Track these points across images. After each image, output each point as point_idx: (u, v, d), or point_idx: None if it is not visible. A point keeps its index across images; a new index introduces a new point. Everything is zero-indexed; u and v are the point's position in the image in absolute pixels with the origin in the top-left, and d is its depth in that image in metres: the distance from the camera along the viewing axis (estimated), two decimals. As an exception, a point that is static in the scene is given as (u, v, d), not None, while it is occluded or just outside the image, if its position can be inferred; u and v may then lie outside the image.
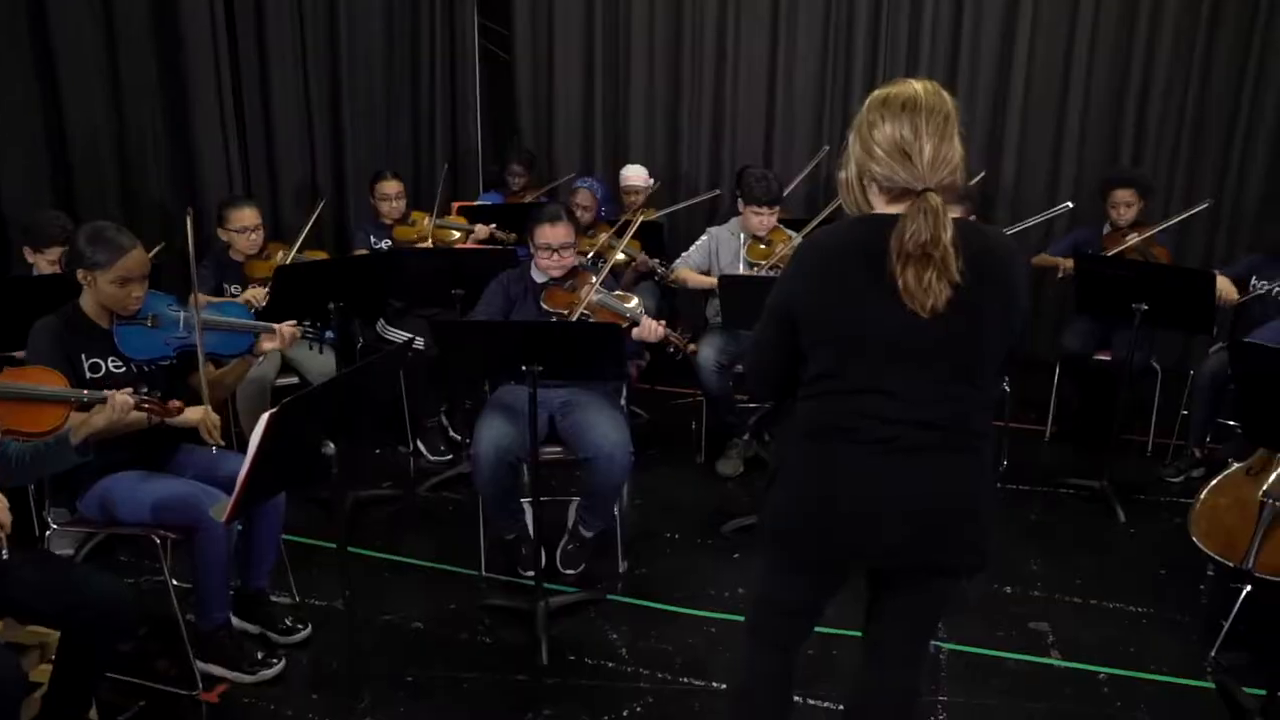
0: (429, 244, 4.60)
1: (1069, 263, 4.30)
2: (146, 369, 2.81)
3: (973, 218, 3.89)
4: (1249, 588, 2.98)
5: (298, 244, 4.17)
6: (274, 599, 3.08)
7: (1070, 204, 4.79)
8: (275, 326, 3.01)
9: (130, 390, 2.48)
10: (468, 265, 4.02)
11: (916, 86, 1.76)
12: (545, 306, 3.36)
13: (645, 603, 3.28)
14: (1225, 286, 4.01)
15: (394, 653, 2.99)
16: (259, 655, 2.85)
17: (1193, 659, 3.01)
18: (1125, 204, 4.43)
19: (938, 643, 3.05)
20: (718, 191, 5.58)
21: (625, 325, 3.20)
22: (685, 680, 2.88)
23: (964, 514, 1.82)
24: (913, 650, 2.04)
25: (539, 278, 3.46)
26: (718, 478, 4.22)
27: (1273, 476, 2.99)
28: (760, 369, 1.95)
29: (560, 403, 3.34)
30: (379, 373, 2.60)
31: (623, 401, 3.93)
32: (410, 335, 4.28)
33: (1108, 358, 4.40)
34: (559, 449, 3.35)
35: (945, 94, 1.76)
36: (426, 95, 6.18)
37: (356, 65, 5.63)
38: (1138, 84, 5.43)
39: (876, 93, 1.80)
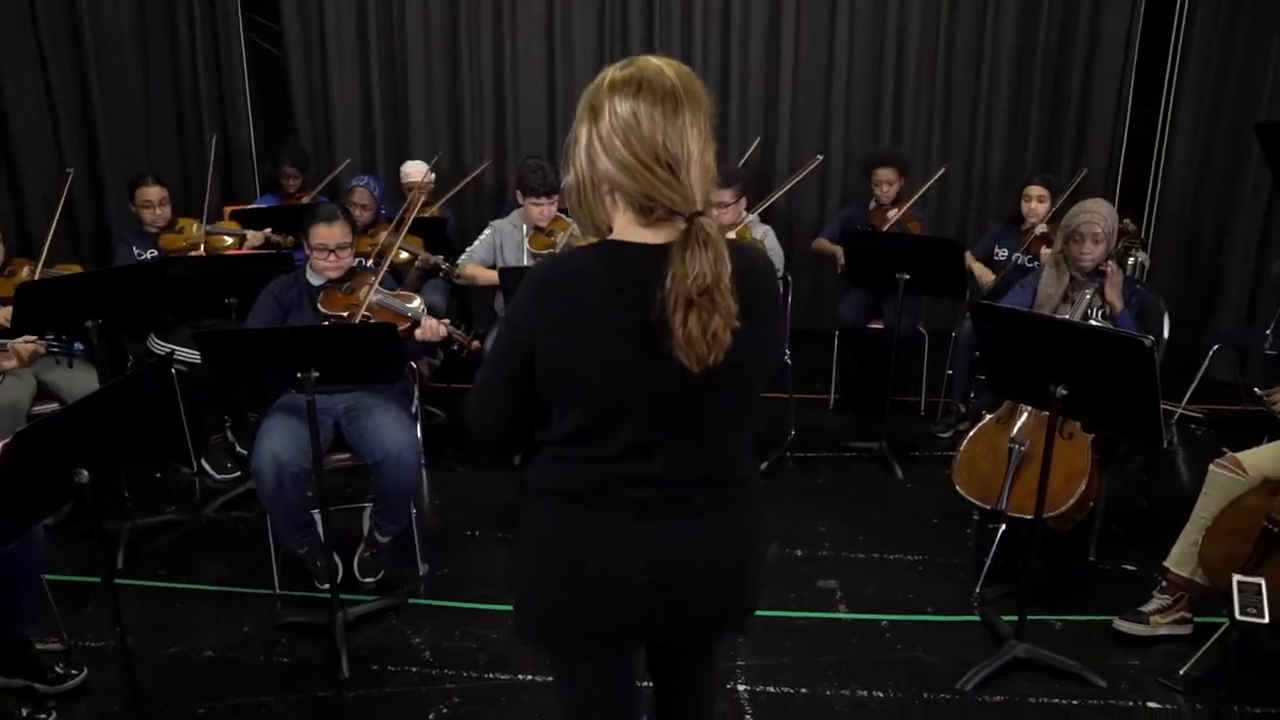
0: (200, 251, 4.36)
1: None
2: None
3: (743, 200, 4.06)
4: (1004, 526, 3.26)
5: (42, 258, 3.85)
6: (40, 646, 2.84)
7: (820, 156, 4.99)
8: (9, 344, 2.77)
9: None
10: (242, 271, 3.83)
11: (668, 70, 1.40)
12: (323, 310, 3.25)
13: (448, 603, 3.25)
14: (981, 271, 4.39)
15: (182, 686, 2.84)
16: (24, 712, 2.63)
17: (962, 597, 3.27)
18: (887, 182, 4.73)
19: (735, 610, 3.17)
20: (488, 162, 5.52)
21: (406, 325, 3.15)
22: (491, 676, 2.87)
23: (741, 566, 1.64)
24: (707, 679, 1.89)
25: (316, 281, 3.34)
26: (515, 470, 4.20)
27: (1018, 424, 3.28)
28: (487, 418, 1.58)
29: (344, 408, 3.25)
30: (136, 391, 2.44)
31: (415, 401, 3.87)
32: (172, 348, 4.04)
33: (880, 326, 4.70)
34: (347, 455, 3.27)
35: (697, 78, 1.43)
36: (190, 94, 5.83)
37: (106, 62, 5.24)
38: (893, 64, 5.78)
39: (617, 75, 1.40)
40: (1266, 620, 2.21)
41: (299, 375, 2.72)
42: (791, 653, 2.97)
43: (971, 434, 3.41)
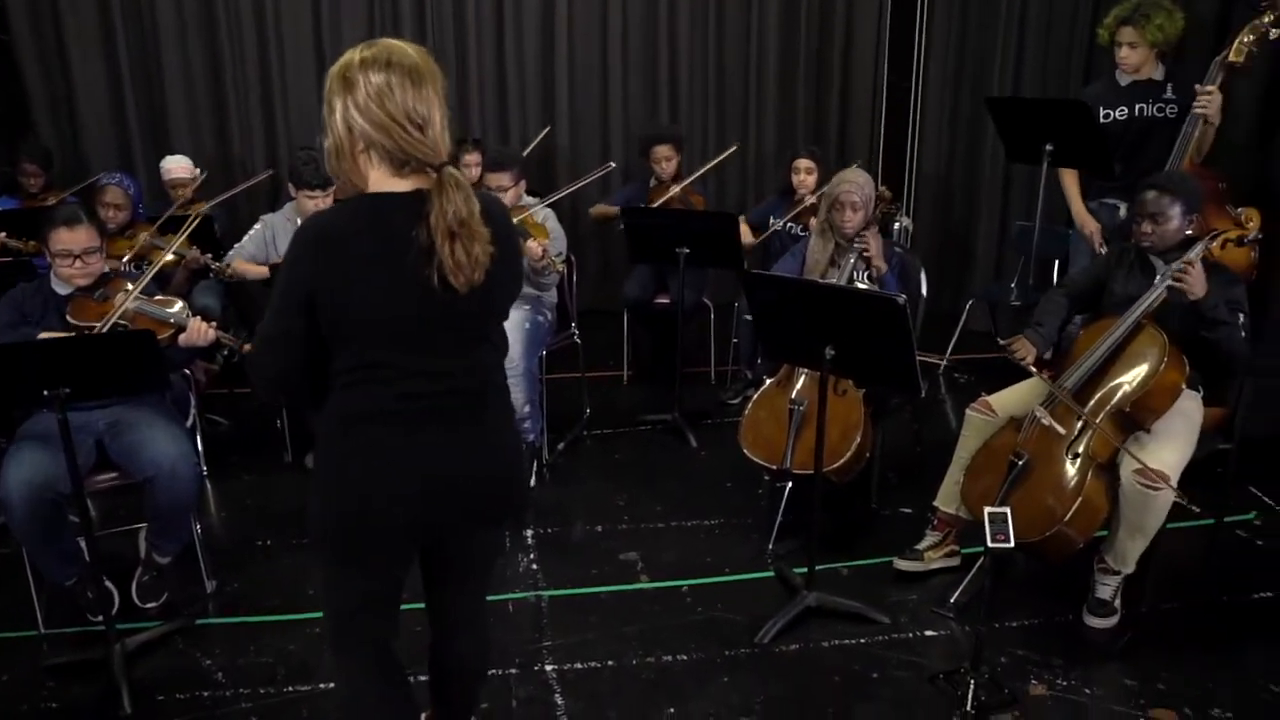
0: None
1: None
2: None
3: (522, 183, 4.06)
4: (790, 484, 3.43)
5: None
6: None
7: (613, 164, 5.11)
8: None
9: None
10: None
11: (410, 50, 1.69)
12: (72, 321, 3.00)
13: (240, 619, 3.09)
14: (745, 234, 4.58)
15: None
16: None
17: (757, 555, 3.42)
18: (665, 159, 4.83)
19: (540, 592, 3.19)
20: (270, 171, 5.28)
21: (170, 332, 2.96)
22: (290, 689, 2.76)
23: (507, 466, 1.92)
24: (479, 606, 2.12)
25: (62, 290, 3.08)
26: (308, 473, 4.03)
27: (797, 386, 3.45)
28: (275, 369, 1.79)
29: (107, 424, 3.02)
30: None
31: (193, 410, 3.66)
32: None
33: (666, 301, 4.82)
34: (114, 475, 3.04)
35: (432, 57, 1.72)
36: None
37: None
38: (666, 45, 5.91)
39: (365, 54, 1.66)
40: (1013, 545, 2.44)
41: (46, 393, 2.51)
42: (596, 627, 3.02)
43: (755, 398, 3.56)
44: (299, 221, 3.98)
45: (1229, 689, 2.72)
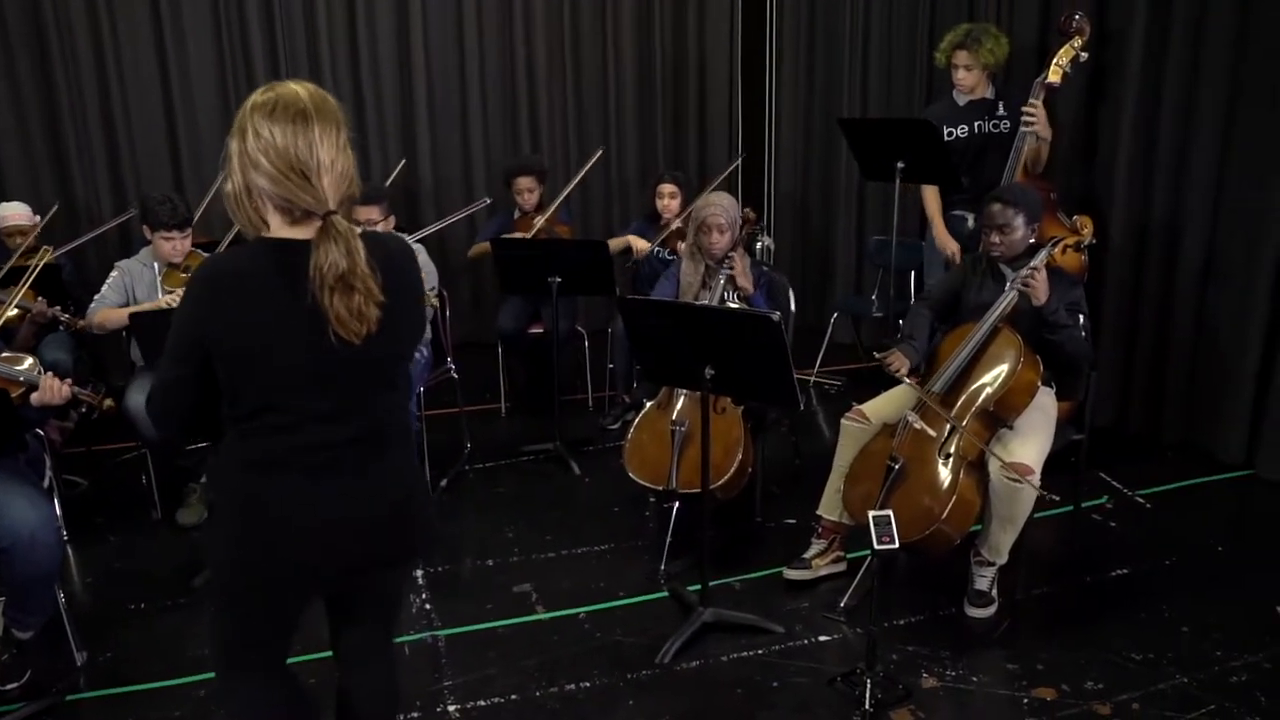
0: None
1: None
2: None
3: (391, 218, 4.01)
4: (677, 504, 3.48)
5: None
6: None
7: (488, 199, 5.14)
8: None
9: None
10: None
11: (302, 93, 1.65)
12: (-95, 386, 2.79)
13: (116, 690, 2.91)
14: (637, 243, 4.66)
15: None
16: None
17: (650, 577, 3.45)
18: (528, 190, 4.86)
19: (435, 632, 3.14)
20: (131, 212, 5.03)
21: (20, 391, 2.79)
22: (177, 758, 2.63)
23: (410, 507, 1.90)
24: (386, 645, 2.10)
25: (-107, 353, 2.87)
26: (180, 529, 3.85)
27: (677, 407, 3.52)
28: (174, 411, 1.79)
29: (-47, 493, 2.82)
30: None
31: (49, 472, 3.44)
32: None
33: (540, 330, 4.83)
34: (-37, 549, 2.83)
35: (330, 98, 1.69)
36: None
37: None
38: (525, 78, 5.96)
39: (259, 99, 1.65)
40: (897, 545, 2.55)
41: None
42: (496, 662, 2.99)
43: (636, 422, 3.61)
44: (156, 265, 3.82)
45: (1098, 662, 2.91)
